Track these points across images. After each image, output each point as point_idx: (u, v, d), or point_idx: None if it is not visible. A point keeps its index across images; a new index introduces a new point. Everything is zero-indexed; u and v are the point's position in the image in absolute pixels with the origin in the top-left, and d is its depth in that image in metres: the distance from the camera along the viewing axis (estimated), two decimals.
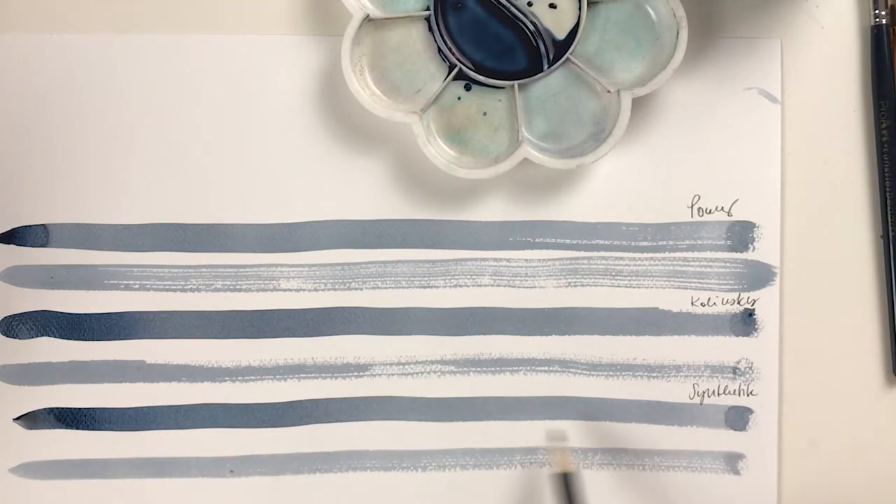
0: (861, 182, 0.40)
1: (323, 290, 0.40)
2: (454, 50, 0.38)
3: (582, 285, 0.40)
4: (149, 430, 0.40)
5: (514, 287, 0.40)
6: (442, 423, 0.40)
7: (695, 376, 0.40)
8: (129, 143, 0.39)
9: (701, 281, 0.40)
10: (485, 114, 0.38)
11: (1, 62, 0.39)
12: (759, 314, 0.40)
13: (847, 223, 0.40)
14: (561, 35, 0.37)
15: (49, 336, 0.39)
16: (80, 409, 0.40)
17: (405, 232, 0.40)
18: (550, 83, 0.38)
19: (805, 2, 0.40)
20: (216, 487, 0.40)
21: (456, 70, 0.38)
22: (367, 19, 0.37)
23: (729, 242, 0.40)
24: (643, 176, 0.40)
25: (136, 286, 0.40)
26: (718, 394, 0.40)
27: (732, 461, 0.40)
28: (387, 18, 0.37)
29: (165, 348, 0.40)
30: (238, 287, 0.40)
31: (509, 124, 0.38)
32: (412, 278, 0.40)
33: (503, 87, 0.38)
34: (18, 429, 0.39)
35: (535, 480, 0.40)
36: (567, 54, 0.37)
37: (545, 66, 0.38)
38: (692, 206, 0.40)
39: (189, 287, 0.40)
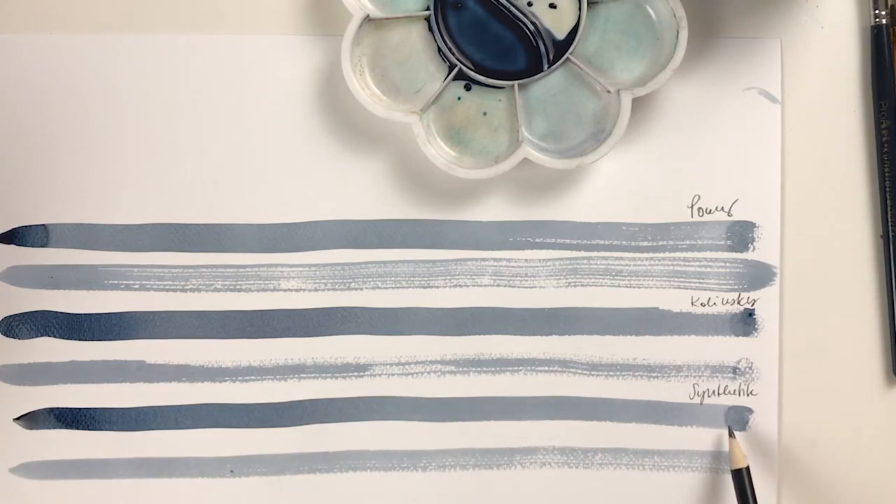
0: (861, 182, 0.40)
1: (323, 290, 0.40)
2: (454, 50, 0.38)
3: (582, 285, 0.40)
4: (149, 430, 0.40)
5: (514, 287, 0.40)
6: (442, 423, 0.40)
7: (695, 376, 0.40)
8: (129, 143, 0.39)
9: (701, 281, 0.40)
10: (485, 114, 0.38)
11: (1, 62, 0.39)
12: (759, 314, 0.40)
13: (847, 223, 0.40)
14: (561, 35, 0.37)
15: (49, 336, 0.39)
16: (80, 409, 0.40)
17: (405, 232, 0.40)
18: (550, 83, 0.38)
19: (805, 2, 0.40)
20: (216, 487, 0.40)
21: (456, 70, 0.38)
22: (367, 19, 0.37)
23: (729, 242, 0.40)
24: (643, 176, 0.40)
25: (136, 286, 0.40)
26: (718, 394, 0.40)
27: None
28: (387, 18, 0.37)
29: (165, 348, 0.40)
30: (238, 287, 0.40)
31: (509, 124, 0.38)
32: (412, 278, 0.40)
33: (503, 87, 0.38)
34: (18, 429, 0.39)
35: (535, 480, 0.40)
36: (567, 54, 0.37)
37: (545, 66, 0.38)
38: (692, 206, 0.40)
39: (189, 287, 0.40)
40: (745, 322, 0.40)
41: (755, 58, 0.40)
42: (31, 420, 0.40)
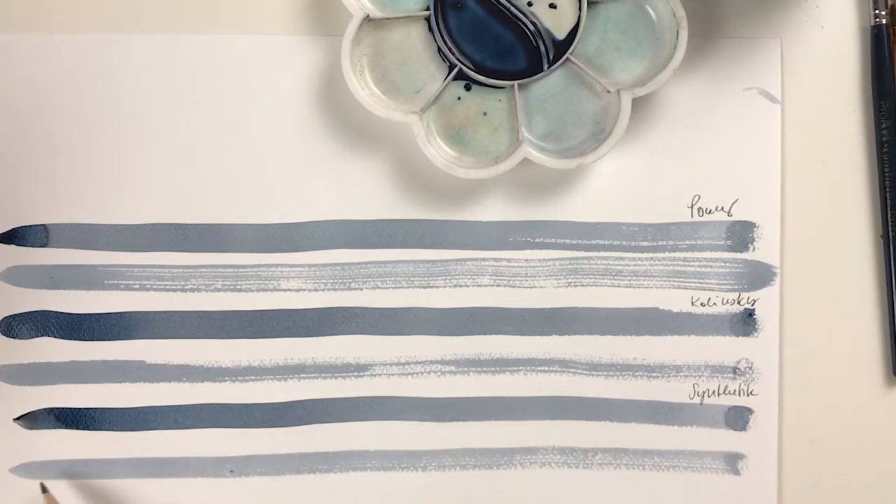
0: (861, 182, 0.40)
1: (323, 290, 0.40)
2: (454, 50, 0.38)
3: (582, 285, 0.40)
4: (149, 430, 0.40)
5: (514, 287, 0.40)
6: (442, 423, 0.40)
7: (695, 376, 0.40)
8: (128, 143, 0.39)
9: (701, 281, 0.40)
10: (485, 114, 0.38)
11: (1, 62, 0.39)
12: (759, 314, 0.40)
13: (847, 223, 0.40)
14: (561, 35, 0.37)
15: (49, 336, 0.39)
16: (80, 409, 0.40)
17: (405, 232, 0.40)
18: (550, 83, 0.38)
19: (805, 2, 0.40)
20: (216, 487, 0.40)
21: (456, 70, 0.38)
22: (367, 19, 0.37)
23: (729, 242, 0.40)
24: (643, 176, 0.40)
25: (136, 286, 0.40)
26: (718, 394, 0.40)
27: (732, 461, 0.40)
28: (387, 18, 0.37)
29: (165, 348, 0.40)
30: (238, 287, 0.40)
31: (509, 124, 0.38)
32: (412, 278, 0.40)
33: (503, 87, 0.38)
34: (18, 429, 0.39)
35: (535, 480, 0.40)
36: (567, 54, 0.37)
37: (545, 66, 0.38)
38: (692, 206, 0.40)
39: (189, 287, 0.40)
40: (745, 322, 0.40)
41: (755, 58, 0.40)
42: (31, 420, 0.40)
